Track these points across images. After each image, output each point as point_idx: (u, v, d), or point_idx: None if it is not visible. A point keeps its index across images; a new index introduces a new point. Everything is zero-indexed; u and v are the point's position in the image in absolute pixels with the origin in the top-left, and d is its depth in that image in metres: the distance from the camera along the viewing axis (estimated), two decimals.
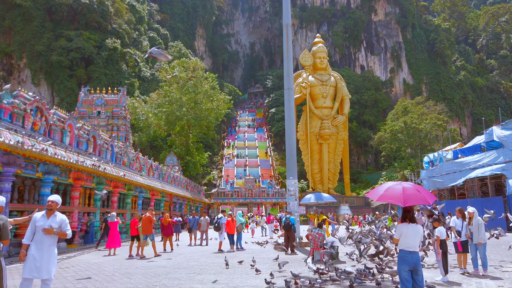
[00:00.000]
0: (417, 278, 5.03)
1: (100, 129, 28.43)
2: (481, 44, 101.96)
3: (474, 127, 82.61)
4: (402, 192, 5.48)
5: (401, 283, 5.06)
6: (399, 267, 5.10)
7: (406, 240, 5.12)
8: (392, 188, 5.69)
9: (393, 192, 5.59)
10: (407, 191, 5.51)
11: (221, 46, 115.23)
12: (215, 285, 7.72)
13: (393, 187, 5.72)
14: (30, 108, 15.37)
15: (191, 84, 53.43)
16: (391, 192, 5.63)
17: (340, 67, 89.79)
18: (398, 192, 5.52)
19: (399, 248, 5.21)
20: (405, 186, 5.63)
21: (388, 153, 62.82)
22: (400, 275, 5.07)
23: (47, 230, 5.31)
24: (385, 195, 5.66)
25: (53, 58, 59.15)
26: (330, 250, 11.98)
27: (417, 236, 5.15)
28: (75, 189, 17.32)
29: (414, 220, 5.27)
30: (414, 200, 5.48)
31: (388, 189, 5.71)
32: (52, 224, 5.42)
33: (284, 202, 46.32)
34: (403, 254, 5.11)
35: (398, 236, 5.22)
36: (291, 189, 17.28)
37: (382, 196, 5.68)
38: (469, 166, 29.15)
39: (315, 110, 51.72)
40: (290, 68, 18.98)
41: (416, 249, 5.13)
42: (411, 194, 5.47)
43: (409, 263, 5.03)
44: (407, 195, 5.45)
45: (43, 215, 5.55)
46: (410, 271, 5.04)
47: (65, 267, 10.78)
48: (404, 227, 5.20)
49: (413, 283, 5.02)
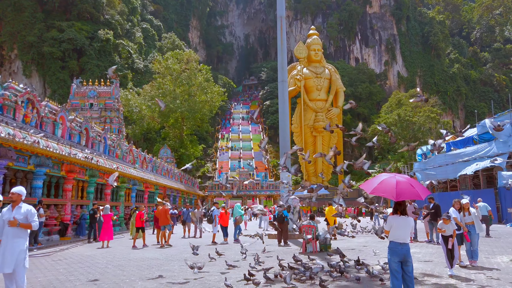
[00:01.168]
0: (407, 269, 5.09)
1: (93, 121, 28.21)
2: (475, 37, 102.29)
3: (467, 120, 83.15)
4: (395, 187, 5.42)
5: (391, 273, 5.12)
6: (389, 258, 5.15)
7: (397, 232, 5.16)
8: (386, 181, 5.60)
9: (386, 186, 5.52)
10: (400, 185, 5.44)
11: (215, 38, 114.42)
12: (208, 276, 7.75)
13: (387, 180, 5.62)
14: (21, 100, 15.19)
15: (185, 76, 53.13)
16: (385, 185, 5.55)
17: (335, 60, 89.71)
18: (391, 186, 5.45)
19: (389, 240, 5.24)
20: (399, 179, 5.54)
21: (381, 145, 63.13)
22: (390, 266, 5.12)
23: (10, 222, 5.18)
24: (378, 188, 5.58)
25: (44, 49, 58.38)
26: (323, 240, 12.06)
27: (407, 228, 5.19)
28: (68, 182, 17.21)
29: (405, 213, 5.30)
30: (407, 195, 5.42)
31: (382, 182, 5.62)
32: (16, 215, 5.25)
33: (278, 195, 46.50)
34: (393, 245, 5.15)
35: (388, 228, 5.26)
36: (284, 182, 17.31)
37: (376, 189, 5.61)
38: (462, 158, 29.42)
39: (310, 103, 51.69)
40: (284, 60, 18.90)
41: (406, 240, 5.18)
42: (404, 188, 5.41)
43: (399, 254, 5.08)
44: (400, 189, 5.39)
45: (8, 208, 5.40)
46: (400, 262, 5.09)
47: (57, 260, 10.75)
48: (394, 219, 5.24)
49: (403, 274, 5.07)
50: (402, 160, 55.20)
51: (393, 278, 5.05)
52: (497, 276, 7.66)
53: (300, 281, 7.14)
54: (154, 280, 7.61)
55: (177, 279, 7.64)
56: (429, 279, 7.46)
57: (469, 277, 7.62)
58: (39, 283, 7.35)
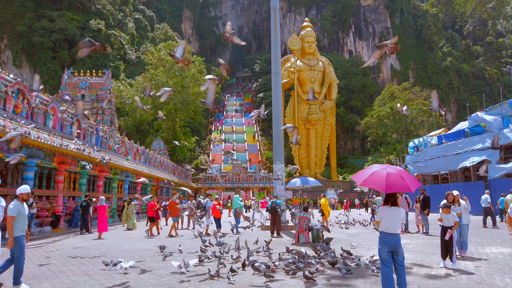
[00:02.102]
0: (397, 259, 5.15)
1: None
2: (468, 30, 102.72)
3: (459, 113, 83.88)
4: (385, 179, 5.39)
5: (381, 263, 5.17)
6: (380, 249, 5.21)
7: (387, 222, 5.21)
8: (376, 173, 5.59)
9: (376, 178, 5.50)
10: (390, 177, 5.42)
11: (209, 29, 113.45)
12: (199, 267, 7.79)
13: (378, 172, 5.60)
14: (11, 90, 14.99)
15: (178, 67, 52.70)
16: (375, 177, 5.53)
17: (329, 52, 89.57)
18: (381, 178, 5.43)
19: (380, 230, 5.30)
20: (390, 172, 5.51)
21: (374, 138, 63.53)
22: (380, 256, 5.18)
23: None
24: (369, 179, 5.57)
25: (35, 39, 57.50)
26: (316, 232, 12.16)
27: (398, 219, 5.23)
28: (60, 173, 17.08)
29: (396, 203, 5.34)
30: (396, 187, 5.39)
31: (372, 174, 5.61)
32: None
33: (271, 187, 46.64)
34: (383, 236, 5.21)
35: (379, 219, 5.31)
36: (278, 174, 17.37)
37: (366, 180, 5.59)
38: (453, 151, 29.71)
39: (303, 95, 51.68)
40: (278, 52, 18.83)
41: (397, 231, 5.23)
42: (393, 181, 5.39)
43: (389, 244, 5.14)
44: (389, 181, 5.36)
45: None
46: (391, 252, 5.15)
47: (50, 251, 10.72)
48: (385, 210, 5.29)
49: (395, 264, 5.14)
50: (395, 153, 55.61)
51: (383, 266, 5.11)
52: (485, 266, 7.80)
53: (287, 272, 7.12)
54: (149, 272, 7.63)
55: (165, 271, 7.67)
56: (420, 269, 7.58)
57: (458, 267, 7.74)
58: (31, 274, 7.34)
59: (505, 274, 6.98)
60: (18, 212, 6.21)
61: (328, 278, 6.78)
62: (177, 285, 6.36)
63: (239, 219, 16.30)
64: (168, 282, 6.63)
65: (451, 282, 6.38)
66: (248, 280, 6.65)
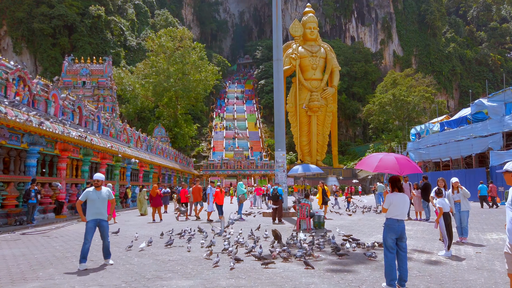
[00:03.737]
0: (401, 245, 5.21)
1: (86, 99, 27.91)
2: (472, 16, 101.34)
3: (461, 100, 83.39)
4: (396, 162, 5.70)
5: (385, 250, 5.20)
6: (386, 235, 5.23)
7: (395, 209, 5.24)
8: (385, 158, 5.87)
9: (388, 163, 5.77)
10: (400, 160, 5.74)
11: (209, 15, 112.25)
12: (202, 253, 7.87)
13: (386, 157, 5.89)
14: (12, 77, 14.94)
15: (179, 54, 52.32)
16: (386, 162, 5.80)
17: (331, 38, 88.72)
18: (393, 162, 5.72)
19: (387, 217, 5.32)
20: (396, 156, 5.84)
21: (376, 125, 63.33)
22: (386, 242, 5.20)
23: None
24: (380, 165, 5.82)
25: (34, 25, 57.04)
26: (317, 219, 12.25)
27: (405, 205, 5.28)
28: (62, 161, 17.14)
29: (402, 190, 5.39)
30: (408, 169, 5.70)
31: (381, 160, 5.86)
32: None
33: (272, 174, 46.79)
34: (390, 222, 5.23)
35: (387, 206, 5.34)
36: (279, 161, 17.39)
37: (378, 167, 5.84)
38: (455, 138, 29.64)
39: (305, 82, 51.37)
40: (279, 38, 18.64)
41: (404, 217, 5.27)
42: (404, 163, 5.70)
43: (396, 231, 5.17)
44: (401, 164, 5.67)
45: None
46: (396, 239, 5.19)
47: (54, 237, 10.83)
48: (393, 196, 5.32)
49: (398, 250, 5.19)
50: (396, 140, 55.54)
51: (388, 253, 5.14)
52: (486, 252, 7.86)
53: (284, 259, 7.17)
54: (150, 256, 7.72)
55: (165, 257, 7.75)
56: (420, 255, 7.64)
57: (459, 253, 7.80)
58: (36, 260, 7.42)
59: (505, 260, 7.03)
60: (86, 197, 6.83)
61: (329, 263, 6.84)
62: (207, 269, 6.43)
63: (242, 206, 16.49)
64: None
65: (452, 268, 6.44)
66: (251, 266, 6.73)
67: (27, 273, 6.31)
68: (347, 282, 5.50)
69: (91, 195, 6.84)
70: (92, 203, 6.81)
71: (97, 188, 6.94)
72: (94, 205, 6.80)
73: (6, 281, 5.79)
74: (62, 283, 5.60)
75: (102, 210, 6.87)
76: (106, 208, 7.03)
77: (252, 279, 5.72)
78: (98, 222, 6.84)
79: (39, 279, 5.87)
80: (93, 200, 6.82)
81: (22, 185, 14.38)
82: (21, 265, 6.97)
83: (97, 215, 6.83)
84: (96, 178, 7.04)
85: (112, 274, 6.17)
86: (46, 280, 5.82)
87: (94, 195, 6.84)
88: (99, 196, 6.87)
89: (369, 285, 5.35)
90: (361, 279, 5.66)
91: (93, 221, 6.80)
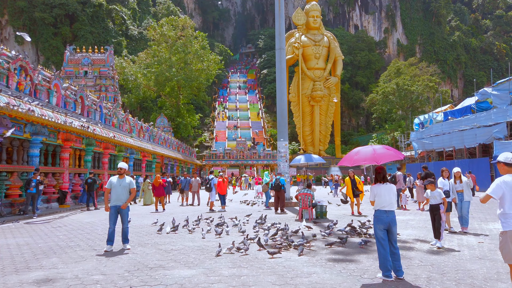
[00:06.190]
0: (391, 237, 5.18)
1: (88, 89, 27.87)
2: (477, 4, 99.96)
3: (466, 89, 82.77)
4: (373, 153, 5.88)
5: (377, 241, 5.18)
6: (375, 227, 5.22)
7: (381, 200, 5.21)
8: (362, 151, 6.10)
9: (365, 154, 5.96)
10: (378, 150, 5.91)
11: (211, 4, 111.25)
12: (205, 242, 7.91)
13: (363, 150, 6.11)
14: (14, 67, 14.89)
15: (181, 43, 51.94)
16: (363, 154, 5.99)
17: (334, 27, 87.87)
18: (370, 153, 5.91)
19: (375, 209, 5.29)
20: (375, 147, 6.06)
21: (379, 115, 63.04)
22: (376, 234, 5.18)
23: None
24: (358, 158, 6.01)
25: (36, 14, 56.74)
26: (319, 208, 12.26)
27: (391, 195, 5.23)
28: (65, 150, 17.18)
29: (386, 180, 5.35)
30: (385, 157, 5.81)
31: (358, 153, 6.10)
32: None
33: (275, 164, 46.82)
34: (378, 213, 5.21)
35: (373, 198, 5.32)
36: (281, 151, 17.37)
37: (355, 160, 6.04)
38: (459, 128, 29.47)
39: (307, 72, 50.99)
40: (282, 27, 18.45)
41: (392, 207, 5.22)
42: (381, 153, 5.86)
43: (384, 222, 5.13)
44: (378, 154, 5.84)
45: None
46: (386, 230, 5.15)
47: (57, 226, 10.90)
48: (377, 187, 5.29)
49: (389, 241, 5.15)
50: (399, 130, 55.31)
51: (379, 246, 5.11)
52: (488, 242, 7.85)
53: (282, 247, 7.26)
54: (152, 245, 7.76)
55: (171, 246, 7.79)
56: (422, 244, 7.64)
57: (461, 242, 7.80)
58: (40, 249, 7.48)
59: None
60: (110, 185, 7.31)
61: (331, 253, 6.86)
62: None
63: (269, 195, 16.82)
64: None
65: (454, 258, 6.43)
66: (253, 255, 6.76)
67: (31, 262, 6.36)
68: (349, 272, 5.51)
69: (114, 183, 7.29)
70: (115, 190, 7.27)
71: (120, 176, 7.39)
72: (116, 192, 7.25)
73: (10, 269, 5.84)
74: (65, 272, 5.64)
75: (122, 197, 7.26)
76: (127, 196, 7.36)
77: (254, 268, 5.74)
78: (119, 208, 7.26)
79: (42, 268, 5.91)
80: (115, 187, 7.27)
81: (26, 175, 14.44)
82: (25, 254, 7.02)
83: (118, 201, 7.25)
84: (120, 167, 7.46)
85: (115, 263, 6.20)
86: (50, 269, 5.86)
87: (117, 183, 7.30)
88: (121, 183, 7.30)
89: (371, 274, 5.35)
90: (363, 269, 5.67)
91: (114, 207, 7.25)
